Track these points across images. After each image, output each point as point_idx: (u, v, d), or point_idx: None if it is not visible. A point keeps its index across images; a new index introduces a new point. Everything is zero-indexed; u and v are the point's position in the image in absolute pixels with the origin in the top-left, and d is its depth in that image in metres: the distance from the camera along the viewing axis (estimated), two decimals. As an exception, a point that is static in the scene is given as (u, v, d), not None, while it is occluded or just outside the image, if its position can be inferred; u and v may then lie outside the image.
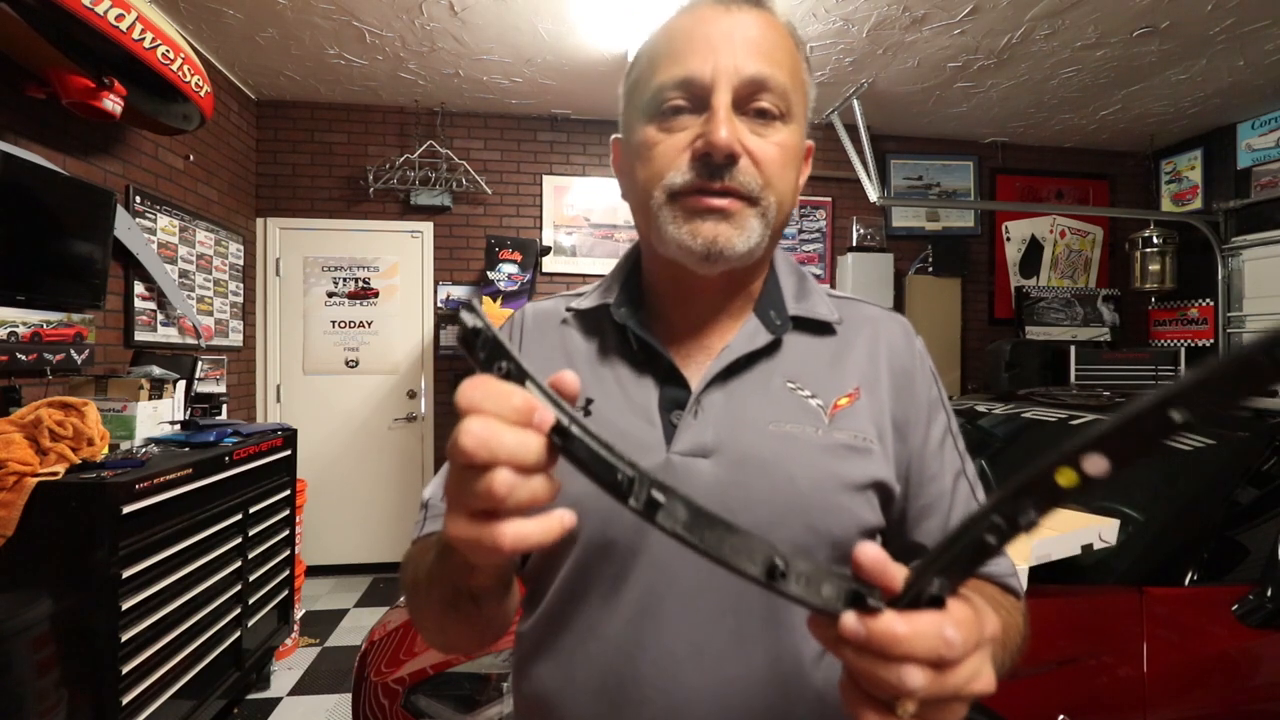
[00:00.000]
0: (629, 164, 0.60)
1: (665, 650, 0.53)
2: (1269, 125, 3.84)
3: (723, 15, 0.55)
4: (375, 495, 3.85)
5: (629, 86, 0.61)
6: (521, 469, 0.31)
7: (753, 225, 0.54)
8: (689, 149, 0.53)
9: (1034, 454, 1.94)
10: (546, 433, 0.32)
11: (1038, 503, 0.29)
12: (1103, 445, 0.27)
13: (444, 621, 0.50)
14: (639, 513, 0.33)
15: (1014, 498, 0.30)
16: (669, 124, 0.55)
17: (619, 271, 0.66)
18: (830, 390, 0.58)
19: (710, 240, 0.53)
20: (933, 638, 0.32)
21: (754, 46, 0.54)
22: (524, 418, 0.32)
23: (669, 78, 0.54)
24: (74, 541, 1.60)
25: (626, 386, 0.59)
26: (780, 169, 0.55)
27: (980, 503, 0.63)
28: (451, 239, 3.91)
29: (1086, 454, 0.27)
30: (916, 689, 0.31)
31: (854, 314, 0.64)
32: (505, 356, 0.33)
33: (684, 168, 0.54)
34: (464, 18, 2.84)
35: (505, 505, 0.31)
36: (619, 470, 0.33)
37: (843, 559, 0.55)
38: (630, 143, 0.60)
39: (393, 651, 1.47)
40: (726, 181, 0.53)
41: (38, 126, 2.20)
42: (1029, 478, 0.29)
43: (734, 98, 0.53)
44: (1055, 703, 1.05)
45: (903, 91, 3.61)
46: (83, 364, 2.31)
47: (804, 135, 0.59)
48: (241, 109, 3.57)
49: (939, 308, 4.23)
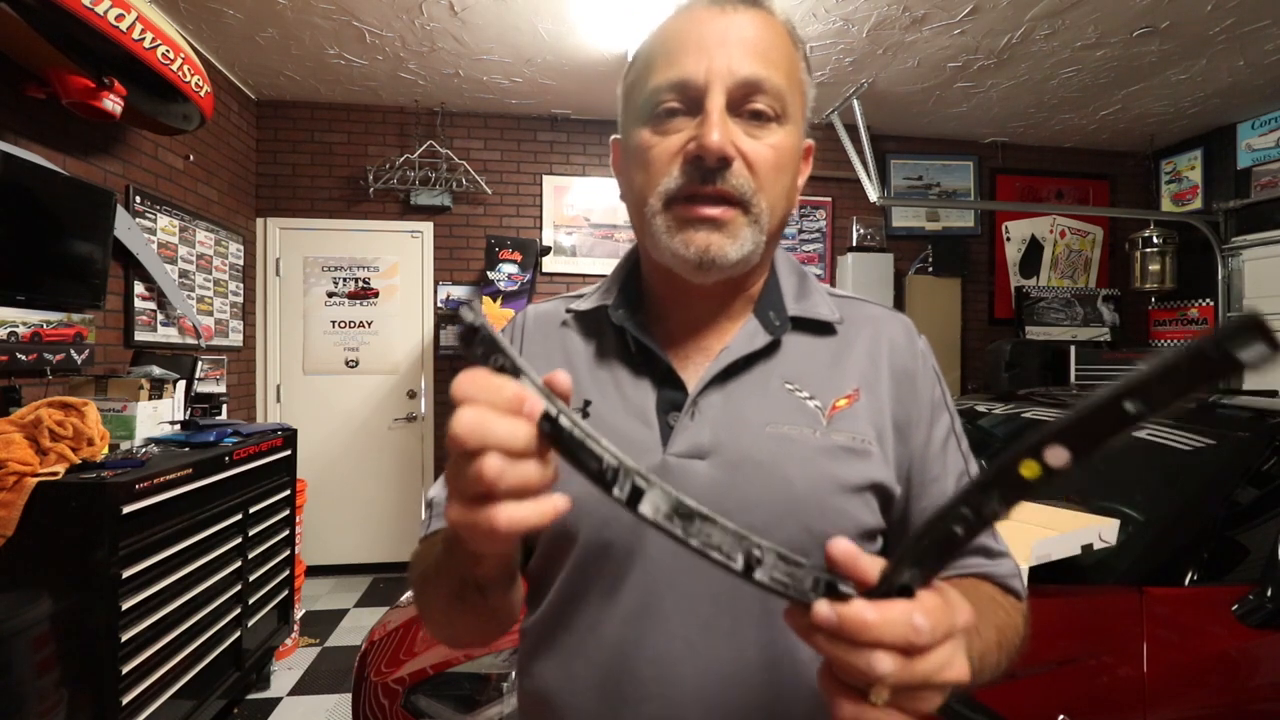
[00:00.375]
0: (626, 166, 0.60)
1: (663, 648, 0.53)
2: (1269, 125, 3.84)
3: (717, 16, 0.54)
4: (375, 495, 3.85)
5: (626, 88, 0.61)
6: (511, 454, 0.33)
7: (745, 233, 0.54)
8: (682, 152, 0.53)
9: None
10: (536, 421, 0.33)
11: (1003, 495, 0.30)
12: (1062, 437, 0.28)
13: (451, 614, 0.51)
14: (622, 503, 0.34)
15: (980, 490, 0.31)
16: (663, 127, 0.55)
17: (618, 273, 0.66)
18: (829, 391, 0.58)
19: (703, 250, 0.53)
20: (901, 624, 0.32)
21: (749, 47, 0.53)
22: (514, 407, 0.33)
23: (663, 80, 0.54)
24: (74, 541, 1.60)
25: (624, 388, 0.59)
26: (775, 172, 0.55)
27: None
28: (451, 239, 3.91)
29: (1047, 446, 0.28)
30: (886, 675, 0.32)
31: (856, 313, 0.63)
32: (500, 352, 0.34)
33: (676, 171, 0.53)
34: (464, 18, 2.84)
35: (497, 488, 0.33)
36: (604, 460, 0.34)
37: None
38: (627, 145, 0.60)
39: (393, 651, 1.47)
40: (719, 185, 0.52)
41: (38, 126, 2.20)
42: (993, 471, 0.30)
43: (728, 99, 0.53)
44: (1055, 703, 1.05)
45: (903, 91, 3.61)
46: (83, 364, 2.31)
47: (802, 136, 0.59)
48: (241, 109, 3.57)
49: (939, 308, 4.23)
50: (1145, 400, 0.26)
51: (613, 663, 0.54)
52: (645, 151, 0.55)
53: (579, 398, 0.60)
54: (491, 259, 3.63)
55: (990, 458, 1.72)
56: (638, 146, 0.56)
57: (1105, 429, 0.27)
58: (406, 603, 1.74)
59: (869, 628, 0.32)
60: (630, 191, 0.59)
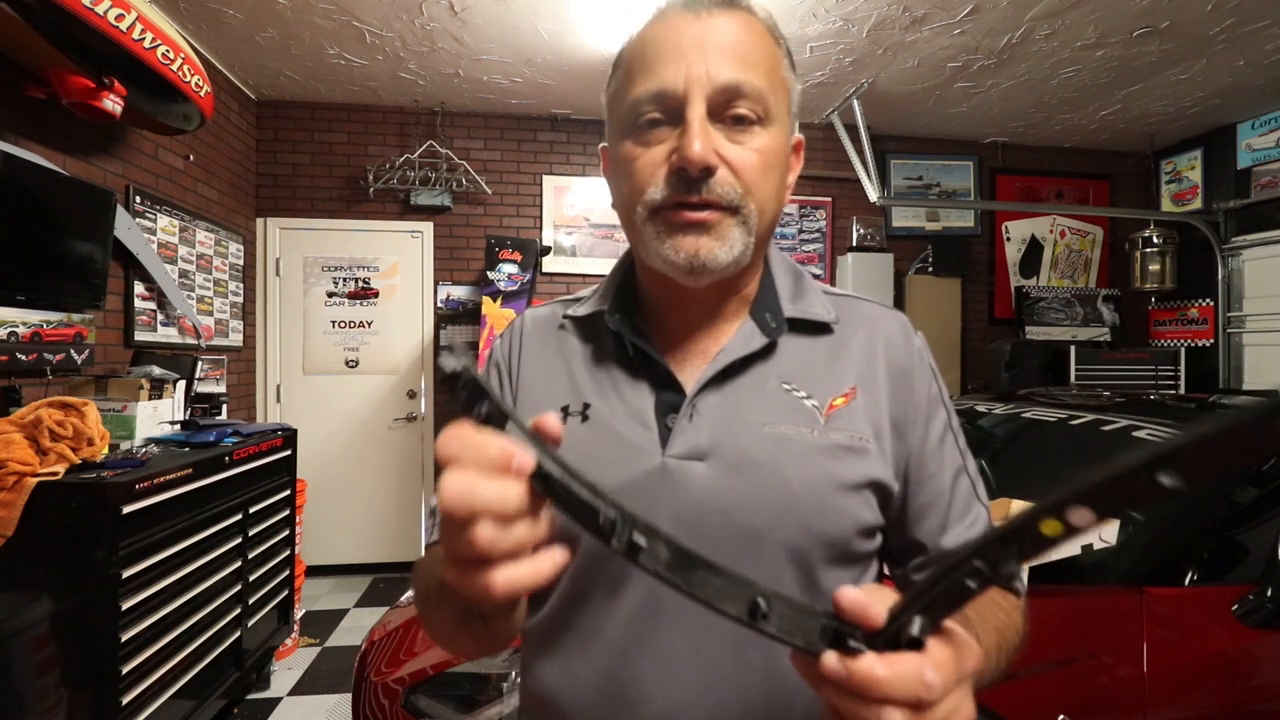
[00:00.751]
0: (614, 176, 0.60)
1: (664, 651, 0.53)
2: (1269, 125, 3.84)
3: (693, 21, 0.54)
4: (375, 495, 3.85)
5: (609, 98, 0.61)
6: (503, 519, 0.32)
7: (735, 235, 0.54)
8: (666, 163, 0.53)
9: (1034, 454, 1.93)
10: (527, 478, 0.32)
11: (1021, 551, 0.29)
12: (1088, 500, 0.27)
13: (455, 634, 0.52)
14: (621, 554, 0.33)
15: (998, 543, 0.30)
16: (646, 138, 0.55)
17: (614, 277, 0.66)
18: (826, 390, 0.58)
19: (692, 254, 0.53)
20: (912, 680, 0.32)
21: (726, 52, 0.53)
22: (503, 465, 0.32)
23: (642, 91, 0.54)
24: (74, 541, 1.60)
25: (623, 391, 0.60)
26: (760, 175, 0.54)
27: (981, 500, 0.62)
28: (451, 239, 3.91)
29: (1072, 507, 0.27)
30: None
31: (852, 311, 0.63)
32: (485, 398, 0.33)
33: (662, 183, 0.53)
34: (464, 18, 2.84)
35: (491, 556, 0.32)
36: (601, 512, 0.33)
37: (839, 559, 0.56)
38: (613, 155, 0.60)
39: (393, 651, 1.47)
40: (704, 194, 0.52)
41: (38, 126, 2.20)
42: (1014, 525, 0.29)
43: (709, 106, 0.53)
44: (1055, 703, 1.05)
45: (903, 91, 3.61)
46: (83, 364, 2.31)
47: (788, 135, 0.59)
48: (241, 109, 3.57)
49: (939, 308, 4.23)
50: (1180, 474, 0.24)
51: (614, 664, 0.54)
52: (630, 163, 0.55)
53: (579, 401, 0.60)
54: (491, 259, 3.63)
55: (991, 457, 1.71)
56: (622, 158, 0.57)
57: (1134, 498, 0.26)
58: (406, 603, 1.74)
59: (879, 684, 0.32)
60: (619, 200, 0.60)
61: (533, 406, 0.62)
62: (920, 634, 0.33)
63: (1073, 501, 0.27)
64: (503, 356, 0.68)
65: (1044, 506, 0.28)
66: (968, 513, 0.60)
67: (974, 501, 0.61)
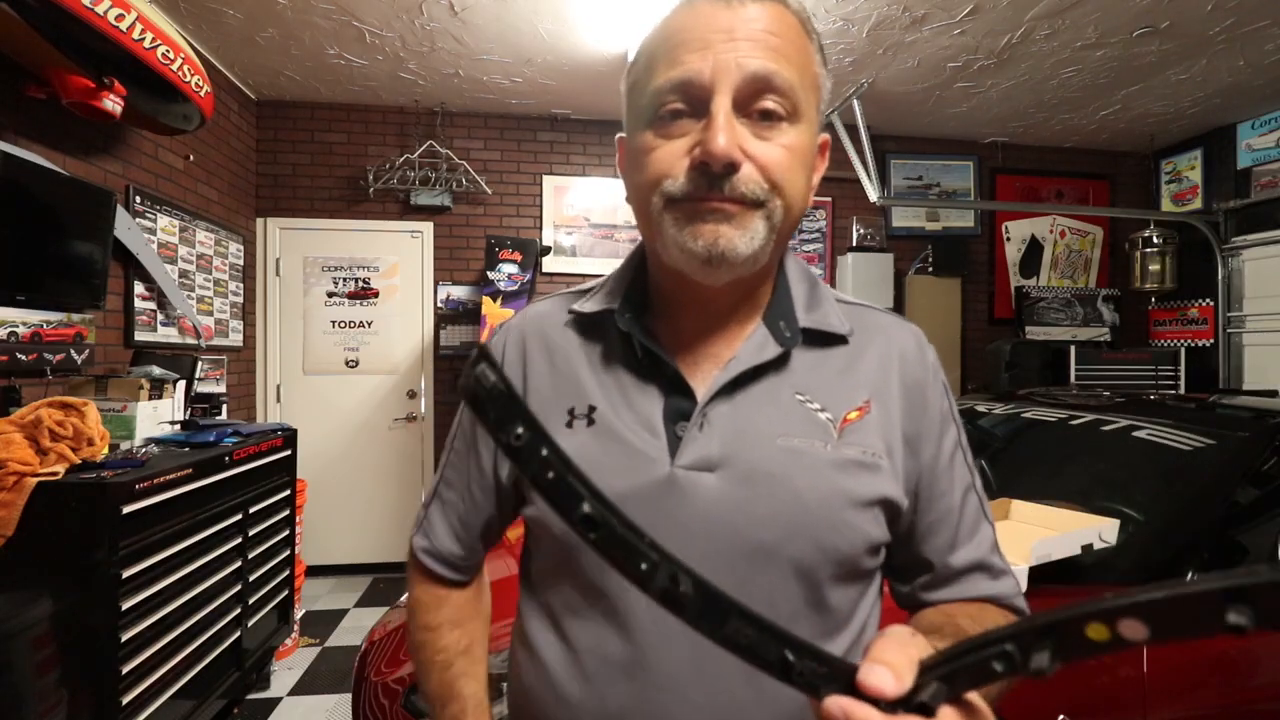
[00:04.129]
0: (631, 168, 0.57)
1: (668, 669, 0.52)
2: (1269, 125, 3.84)
3: (722, 10, 0.51)
4: (375, 495, 3.85)
5: (629, 87, 0.58)
6: None
7: (757, 227, 0.51)
8: (688, 156, 0.50)
9: (1034, 454, 1.93)
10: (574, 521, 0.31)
11: (1059, 648, 0.28)
12: (1146, 614, 0.25)
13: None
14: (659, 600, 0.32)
15: (1036, 635, 0.28)
16: (667, 129, 0.52)
17: (623, 274, 0.63)
18: (840, 403, 0.56)
19: (711, 242, 0.50)
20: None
21: (757, 41, 0.50)
22: None
23: (665, 80, 0.51)
24: (74, 541, 1.60)
25: (630, 395, 0.57)
26: (788, 172, 0.51)
27: (988, 519, 0.61)
28: (451, 239, 3.91)
29: (1127, 618, 0.26)
30: None
31: (866, 323, 0.61)
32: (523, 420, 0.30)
33: (682, 177, 0.51)
34: (464, 18, 2.84)
35: None
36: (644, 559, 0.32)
37: (846, 576, 0.54)
38: (631, 147, 0.57)
39: (393, 651, 1.47)
40: (726, 191, 0.50)
41: (38, 126, 2.20)
42: (1058, 619, 0.27)
43: (736, 98, 0.50)
44: (1055, 703, 1.05)
45: (903, 91, 3.61)
46: (83, 364, 2.31)
47: (816, 133, 0.55)
48: (241, 109, 3.57)
49: (939, 308, 4.23)
50: (1255, 612, 0.23)
51: (617, 681, 0.53)
52: (648, 154, 0.53)
53: (584, 403, 0.58)
54: (491, 259, 3.63)
55: (991, 457, 1.70)
56: (641, 149, 0.54)
57: (1196, 626, 0.24)
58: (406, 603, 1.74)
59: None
60: (635, 193, 0.56)
61: (535, 407, 0.60)
62: (932, 700, 0.32)
63: (1129, 613, 0.25)
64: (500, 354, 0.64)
65: (1096, 609, 0.26)
66: (976, 531, 0.59)
67: (982, 520, 0.60)
